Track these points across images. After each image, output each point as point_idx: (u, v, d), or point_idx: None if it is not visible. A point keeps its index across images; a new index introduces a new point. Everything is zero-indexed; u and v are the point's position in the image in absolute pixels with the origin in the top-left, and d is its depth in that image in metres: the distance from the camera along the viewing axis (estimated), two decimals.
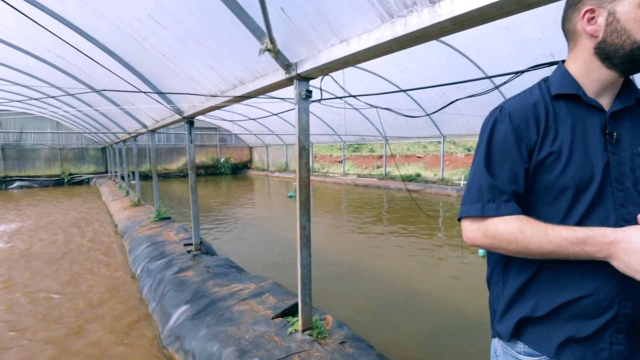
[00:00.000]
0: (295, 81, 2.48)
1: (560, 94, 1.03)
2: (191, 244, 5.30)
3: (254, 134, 20.88)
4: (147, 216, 7.84)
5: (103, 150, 21.18)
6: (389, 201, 12.19)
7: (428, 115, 2.99)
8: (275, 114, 4.91)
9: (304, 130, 2.53)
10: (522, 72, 1.66)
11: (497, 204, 1.01)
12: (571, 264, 0.97)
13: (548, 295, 1.02)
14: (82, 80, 6.72)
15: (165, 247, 5.44)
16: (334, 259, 5.89)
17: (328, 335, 2.88)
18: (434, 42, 7.80)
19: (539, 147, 1.01)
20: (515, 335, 1.08)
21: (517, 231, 0.95)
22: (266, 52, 2.33)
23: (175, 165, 23.62)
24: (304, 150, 2.55)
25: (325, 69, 2.33)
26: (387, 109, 2.77)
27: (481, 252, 5.97)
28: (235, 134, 24.71)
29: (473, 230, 1.04)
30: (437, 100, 11.32)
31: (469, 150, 18.44)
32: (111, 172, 19.98)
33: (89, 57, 3.12)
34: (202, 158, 24.28)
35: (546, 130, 1.01)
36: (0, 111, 17.11)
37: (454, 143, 19.01)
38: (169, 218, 7.60)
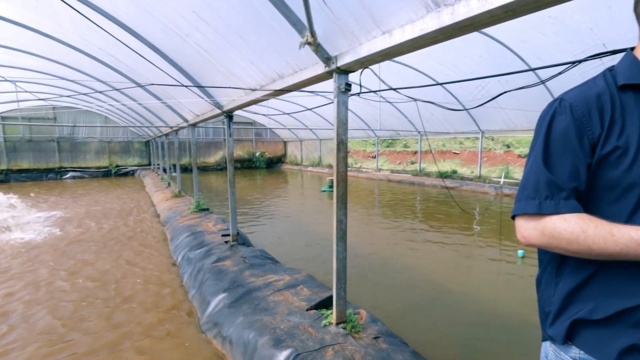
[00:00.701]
0: (334, 74, 2.48)
1: (628, 84, 0.96)
2: (228, 235, 5.46)
3: (289, 129, 21.09)
4: (187, 207, 8.16)
5: (147, 143, 22.23)
6: (424, 197, 11.93)
7: (466, 109, 2.88)
8: (309, 109, 4.93)
9: (342, 124, 2.52)
10: (580, 61, 1.55)
11: (556, 201, 0.95)
12: (635, 266, 0.90)
13: (608, 298, 0.95)
14: (129, 76, 7.07)
15: (204, 237, 5.64)
16: (367, 253, 5.86)
17: (362, 330, 2.87)
18: (474, 34, 7.50)
19: (604, 141, 0.94)
20: (569, 339, 1.02)
21: (579, 230, 0.90)
22: (306, 46, 2.34)
23: (213, 159, 24.38)
24: (342, 144, 2.55)
25: (366, 62, 2.30)
26: (428, 102, 2.70)
27: (520, 252, 5.72)
28: (270, 129, 25.11)
29: (529, 228, 0.99)
30: (476, 94, 10.91)
31: (508, 147, 17.65)
32: (154, 165, 20.95)
33: (138, 53, 3.28)
34: (238, 152, 24.90)
35: (612, 123, 0.94)
36: (56, 106, 18.39)
37: (492, 139, 18.27)
38: (207, 209, 7.86)
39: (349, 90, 2.52)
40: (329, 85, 2.59)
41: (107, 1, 3.98)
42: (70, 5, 2.32)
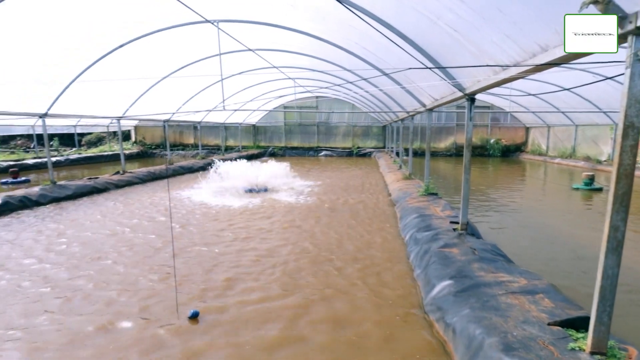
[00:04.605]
0: (631, 37, 1.89)
1: None
2: (457, 222, 5.29)
3: (533, 112, 18.04)
4: (416, 190, 8.42)
5: (383, 128, 24.26)
6: None
7: None
8: (567, 89, 3.97)
9: (636, 102, 1.92)
10: None
11: None
12: None
13: None
14: (376, 65, 7.79)
15: (431, 221, 5.69)
16: None
17: None
18: None
19: None
20: None
21: None
22: (590, 6, 1.88)
23: (443, 144, 24.01)
24: (631, 128, 1.95)
25: None
26: None
27: None
28: (510, 113, 22.18)
29: None
30: None
31: None
32: (388, 148, 22.67)
33: (390, 39, 3.53)
34: None
35: None
36: (318, 97, 22.62)
37: None
38: (436, 194, 7.86)
39: None
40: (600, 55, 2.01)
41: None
42: (346, 6, 2.74)
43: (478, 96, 4.74)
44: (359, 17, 3.56)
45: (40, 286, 4.04)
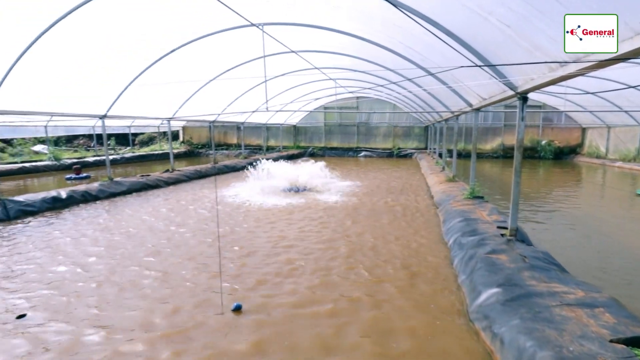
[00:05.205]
0: None
1: None
2: (506, 228, 5.04)
3: (591, 112, 16.70)
4: (460, 192, 8.11)
5: (425, 128, 23.62)
6: None
7: None
8: (633, 87, 3.61)
9: None
10: None
11: None
12: None
13: None
14: (420, 64, 7.59)
15: (477, 225, 5.45)
16: None
17: None
18: None
19: None
20: None
21: None
22: None
23: (489, 146, 22.92)
24: None
25: None
26: None
27: None
28: (564, 112, 20.67)
29: None
30: None
31: None
32: (430, 149, 22.04)
33: (437, 37, 3.42)
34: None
35: None
36: (359, 97, 22.47)
37: None
38: (482, 197, 7.53)
39: None
40: None
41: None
42: (400, 9, 2.69)
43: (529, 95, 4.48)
44: (407, 15, 3.49)
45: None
